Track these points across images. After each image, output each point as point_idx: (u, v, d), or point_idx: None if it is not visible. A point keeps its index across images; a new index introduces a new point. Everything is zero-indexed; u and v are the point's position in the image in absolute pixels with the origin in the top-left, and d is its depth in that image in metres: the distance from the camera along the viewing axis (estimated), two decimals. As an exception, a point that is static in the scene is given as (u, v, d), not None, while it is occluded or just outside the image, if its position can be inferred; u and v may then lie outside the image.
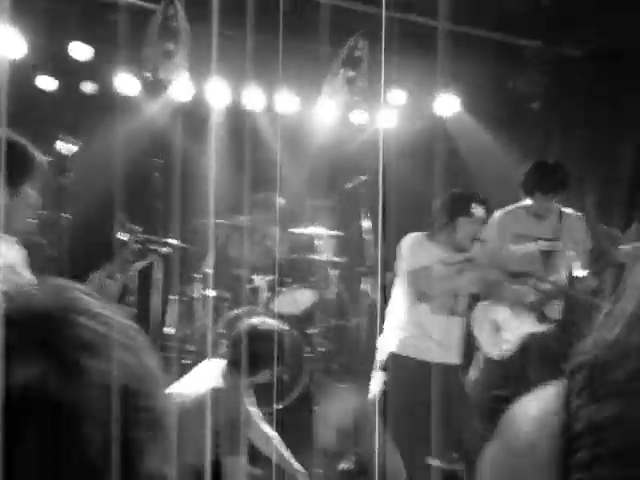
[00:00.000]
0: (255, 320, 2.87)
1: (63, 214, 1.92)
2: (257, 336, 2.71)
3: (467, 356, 3.80)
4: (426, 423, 3.69)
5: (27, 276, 2.21)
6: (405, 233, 6.65)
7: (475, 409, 3.53)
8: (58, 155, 2.00)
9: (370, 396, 3.56)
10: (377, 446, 3.64)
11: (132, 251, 2.70)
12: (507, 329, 3.77)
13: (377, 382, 3.50)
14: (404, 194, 6.07)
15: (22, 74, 4.90)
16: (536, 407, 0.65)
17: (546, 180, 3.76)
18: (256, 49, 5.21)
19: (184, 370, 4.96)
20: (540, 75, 4.98)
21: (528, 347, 3.66)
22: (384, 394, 3.43)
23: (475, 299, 3.69)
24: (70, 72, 5.21)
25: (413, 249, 3.36)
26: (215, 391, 2.64)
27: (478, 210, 3.28)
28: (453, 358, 3.44)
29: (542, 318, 3.70)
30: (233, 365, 2.72)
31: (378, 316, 5.37)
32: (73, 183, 2.87)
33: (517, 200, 4.11)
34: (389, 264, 6.55)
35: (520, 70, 5.21)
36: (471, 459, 3.24)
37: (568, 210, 3.95)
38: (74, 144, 2.03)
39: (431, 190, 6.05)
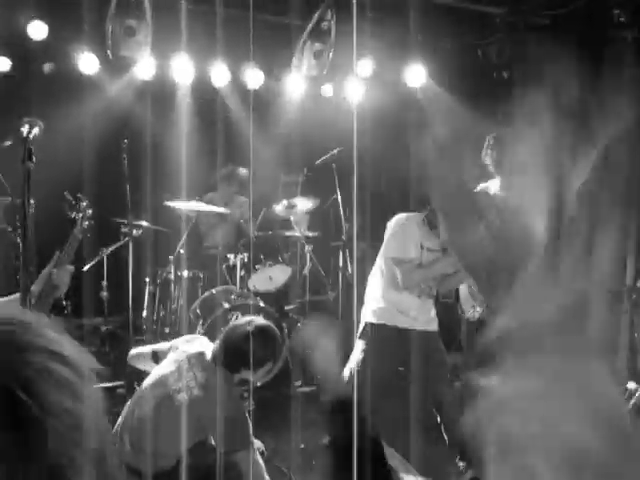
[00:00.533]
0: (242, 322, 2.79)
1: (28, 200, 1.86)
2: (252, 339, 2.65)
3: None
4: (406, 388, 3.79)
5: None
6: (378, 205, 6.70)
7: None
8: (23, 139, 1.92)
9: (351, 364, 3.59)
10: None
11: (82, 229, 2.59)
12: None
13: (356, 351, 3.53)
14: (376, 166, 6.08)
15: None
16: None
17: None
18: (221, 23, 5.10)
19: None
20: (510, 43, 4.98)
21: None
22: (363, 362, 3.47)
23: None
24: (28, 52, 5.02)
25: (400, 237, 3.37)
26: (209, 391, 2.57)
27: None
28: (431, 327, 3.52)
29: None
30: (228, 367, 2.64)
31: (354, 289, 5.43)
32: (37, 167, 2.78)
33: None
34: (363, 236, 6.61)
35: (489, 39, 5.20)
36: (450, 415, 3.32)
37: None
38: (39, 127, 1.95)
39: (402, 161, 6.08)
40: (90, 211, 2.61)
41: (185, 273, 5.09)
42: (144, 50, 4.85)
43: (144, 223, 4.97)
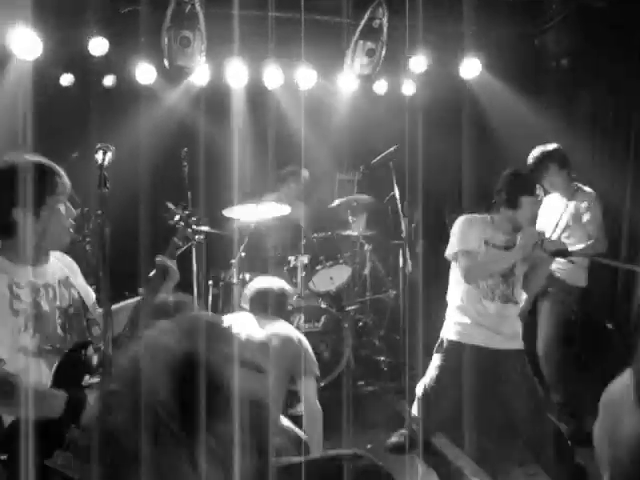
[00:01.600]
0: None
1: (104, 224, 1.91)
2: None
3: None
4: (479, 413, 3.76)
5: (82, 282, 2.25)
6: (435, 202, 6.63)
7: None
8: (98, 166, 1.98)
9: (425, 380, 3.59)
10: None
11: (183, 236, 2.64)
12: None
13: (432, 366, 3.53)
14: (432, 162, 6.01)
15: (43, 75, 4.93)
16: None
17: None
18: (273, 25, 5.14)
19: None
20: (567, 30, 4.82)
21: None
22: (437, 378, 3.47)
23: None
24: (89, 67, 5.20)
25: (461, 232, 3.33)
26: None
27: (541, 190, 3.27)
28: (511, 344, 3.36)
29: None
30: None
31: (416, 287, 5.39)
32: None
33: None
34: (422, 234, 6.55)
35: (545, 26, 5.05)
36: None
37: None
38: (111, 152, 2.02)
39: (459, 156, 6.00)
40: (193, 218, 2.66)
41: (247, 276, 5.17)
42: (199, 58, 4.94)
43: (205, 228, 5.07)
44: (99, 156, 2.02)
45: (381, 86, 5.98)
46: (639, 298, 4.52)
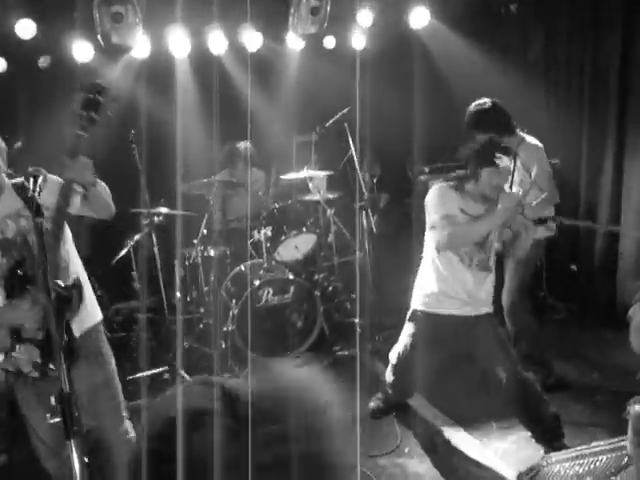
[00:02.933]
0: None
1: (45, 256, 1.81)
2: None
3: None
4: (454, 375, 3.80)
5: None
6: (393, 159, 6.56)
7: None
8: (28, 198, 1.86)
9: (398, 347, 3.61)
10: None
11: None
12: None
13: (404, 334, 3.55)
14: (388, 115, 5.91)
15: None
16: None
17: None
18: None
19: (204, 332, 5.06)
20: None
21: None
22: (411, 346, 3.49)
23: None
24: (21, 50, 4.91)
25: (438, 200, 3.22)
26: None
27: (503, 160, 3.14)
28: (483, 310, 3.37)
29: None
30: None
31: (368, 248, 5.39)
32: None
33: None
34: (383, 189, 6.50)
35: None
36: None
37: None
38: (43, 176, 1.90)
39: (414, 107, 5.90)
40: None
41: (212, 252, 5.11)
42: (135, 32, 4.70)
43: (163, 209, 4.96)
44: (30, 184, 1.89)
45: (329, 42, 5.80)
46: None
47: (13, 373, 2.40)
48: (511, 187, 3.94)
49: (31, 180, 1.89)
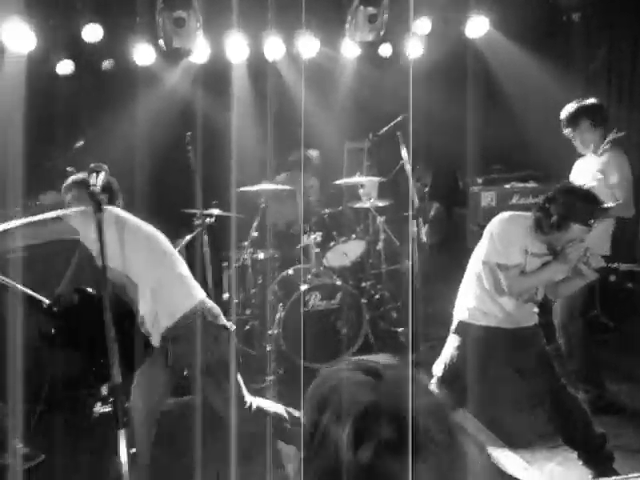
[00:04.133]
0: None
1: (103, 248, 1.87)
2: None
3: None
4: (500, 390, 3.71)
5: None
6: (445, 168, 6.49)
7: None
8: (90, 193, 1.93)
9: (444, 359, 3.55)
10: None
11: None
12: None
13: (449, 346, 3.48)
14: (442, 124, 5.86)
15: (40, 66, 4.84)
16: None
17: None
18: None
19: (249, 334, 5.11)
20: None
21: None
22: (457, 359, 3.42)
23: None
24: (87, 53, 5.09)
25: (506, 240, 3.07)
26: None
27: (593, 222, 2.96)
28: (526, 323, 3.28)
29: None
30: None
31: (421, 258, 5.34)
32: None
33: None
34: (435, 197, 6.44)
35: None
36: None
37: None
38: (104, 172, 1.97)
39: (468, 117, 5.84)
40: None
41: (261, 255, 5.16)
42: (196, 37, 4.81)
43: (216, 211, 5.04)
44: (92, 179, 1.96)
45: (385, 50, 5.80)
46: None
47: None
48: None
49: (93, 175, 1.96)
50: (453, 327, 3.49)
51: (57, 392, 4.24)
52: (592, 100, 3.87)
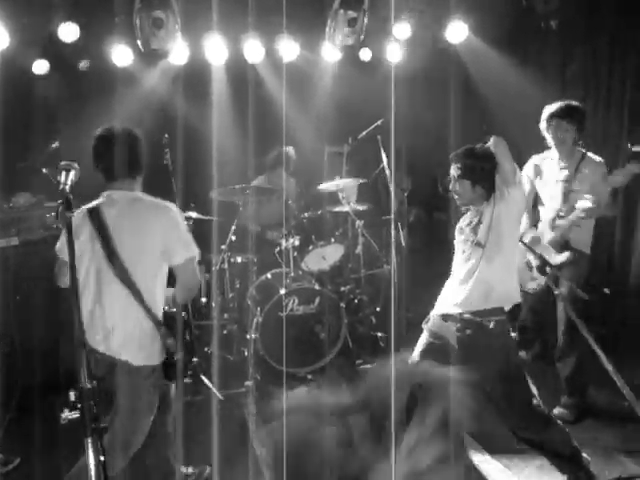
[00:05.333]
0: None
1: (72, 250, 1.81)
2: None
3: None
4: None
5: None
6: (424, 173, 6.51)
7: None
8: (61, 191, 1.88)
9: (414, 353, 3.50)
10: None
11: None
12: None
13: (421, 339, 3.43)
14: (421, 129, 5.87)
15: (14, 64, 4.76)
16: None
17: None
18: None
19: (227, 338, 5.06)
20: (556, -10, 4.63)
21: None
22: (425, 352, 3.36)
23: None
24: (62, 53, 5.01)
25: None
26: None
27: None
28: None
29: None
30: None
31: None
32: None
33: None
34: (414, 202, 6.44)
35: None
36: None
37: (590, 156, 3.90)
38: (75, 170, 1.91)
39: (448, 122, 5.86)
40: None
41: (239, 259, 5.12)
42: (175, 38, 4.75)
43: (192, 214, 4.98)
44: (62, 177, 1.91)
45: (365, 54, 5.80)
46: None
47: None
48: (565, 196, 3.85)
49: (63, 174, 1.90)
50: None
51: (28, 398, 4.17)
52: (571, 101, 3.93)
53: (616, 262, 5.17)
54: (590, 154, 3.92)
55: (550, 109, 3.95)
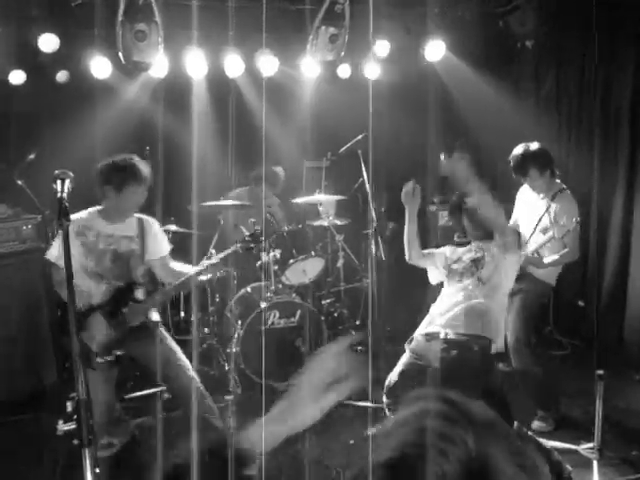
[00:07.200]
0: None
1: (68, 254, 1.80)
2: None
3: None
4: None
5: (152, 242, 3.56)
6: (401, 188, 6.59)
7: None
8: (58, 199, 1.87)
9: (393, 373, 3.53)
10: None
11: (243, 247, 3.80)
12: None
13: (402, 359, 3.48)
14: (399, 145, 5.96)
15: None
16: None
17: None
18: (233, 13, 4.96)
19: (207, 352, 5.01)
20: (531, 11, 4.77)
21: None
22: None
23: None
24: (41, 64, 4.96)
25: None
26: None
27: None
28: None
29: None
30: None
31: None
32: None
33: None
34: (391, 217, 6.50)
35: (509, 7, 4.98)
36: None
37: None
38: (69, 178, 1.90)
39: (425, 139, 5.96)
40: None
41: (218, 272, 5.08)
42: (157, 51, 4.75)
43: (172, 227, 4.95)
44: (57, 186, 1.89)
45: (344, 70, 5.87)
46: None
47: None
48: (534, 230, 3.94)
49: (59, 182, 1.89)
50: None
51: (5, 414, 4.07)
52: (536, 145, 3.96)
53: (590, 274, 5.30)
54: (565, 191, 3.98)
55: (512, 162, 4.02)
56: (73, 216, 3.18)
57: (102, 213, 3.40)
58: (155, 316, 3.45)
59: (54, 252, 3.32)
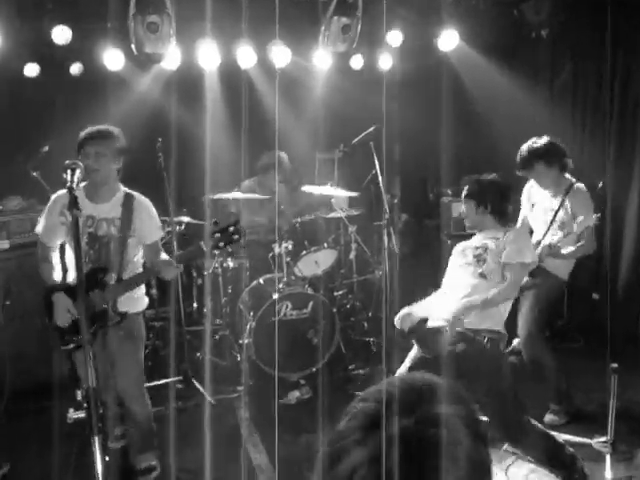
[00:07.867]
0: None
1: (78, 243, 1.83)
2: None
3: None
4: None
5: (141, 226, 3.26)
6: (415, 179, 6.55)
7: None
8: (68, 188, 1.88)
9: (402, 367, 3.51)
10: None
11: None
12: None
13: (410, 353, 3.46)
14: (412, 136, 5.92)
15: (6, 67, 4.73)
16: None
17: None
18: (246, 4, 4.95)
19: (219, 343, 5.04)
20: (547, 0, 4.70)
21: None
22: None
23: None
24: (55, 56, 4.99)
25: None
26: None
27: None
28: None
29: None
30: None
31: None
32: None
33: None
34: (404, 209, 6.47)
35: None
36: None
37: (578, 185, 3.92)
38: (80, 168, 1.91)
39: (438, 129, 5.92)
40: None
41: (231, 264, 5.10)
42: (169, 43, 4.75)
43: (185, 218, 4.97)
44: (67, 176, 1.91)
45: (357, 61, 5.83)
46: None
47: None
48: (551, 224, 3.89)
49: (69, 172, 1.90)
50: None
51: (17, 404, 4.13)
52: (543, 141, 3.87)
53: (604, 268, 5.24)
54: (578, 185, 3.91)
55: (518, 162, 3.96)
56: (59, 192, 3.12)
57: (86, 190, 3.16)
58: (125, 307, 3.17)
59: (39, 228, 3.23)
